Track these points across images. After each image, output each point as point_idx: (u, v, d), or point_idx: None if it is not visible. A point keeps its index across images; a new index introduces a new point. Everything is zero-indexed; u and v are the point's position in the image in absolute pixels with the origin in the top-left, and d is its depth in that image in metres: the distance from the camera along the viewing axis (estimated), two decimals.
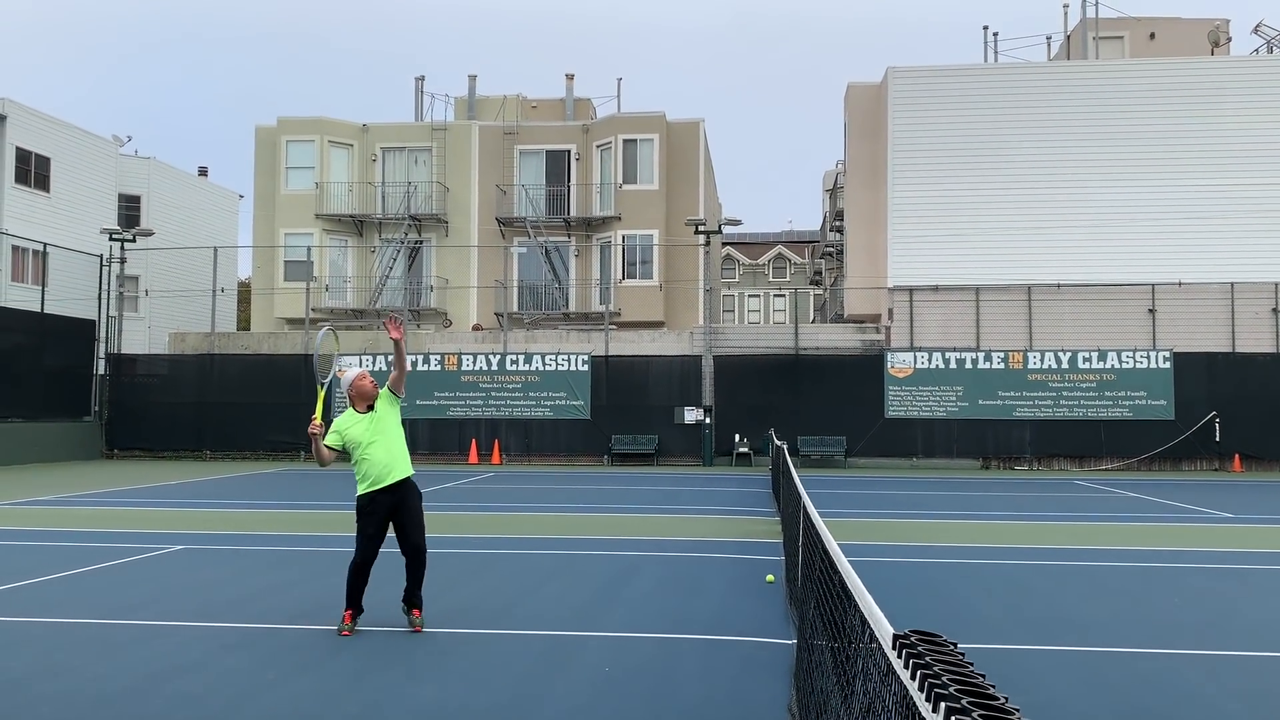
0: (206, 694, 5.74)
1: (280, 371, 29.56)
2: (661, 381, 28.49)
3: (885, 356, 27.87)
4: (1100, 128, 29.30)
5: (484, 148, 35.43)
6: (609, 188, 34.40)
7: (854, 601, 2.91)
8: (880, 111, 31.27)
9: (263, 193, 35.86)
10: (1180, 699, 5.79)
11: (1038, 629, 7.59)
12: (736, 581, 9.50)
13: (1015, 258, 28.92)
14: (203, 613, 7.95)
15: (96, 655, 6.61)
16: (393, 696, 5.75)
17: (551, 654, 6.77)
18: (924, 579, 9.72)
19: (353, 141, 35.61)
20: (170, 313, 38.22)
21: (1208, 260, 28.25)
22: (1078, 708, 5.62)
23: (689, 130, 35.06)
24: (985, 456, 27.49)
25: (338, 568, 10.18)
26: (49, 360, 28.58)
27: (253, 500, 17.38)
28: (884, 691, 2.32)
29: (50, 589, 8.97)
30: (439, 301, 35.04)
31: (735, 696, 5.82)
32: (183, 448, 29.44)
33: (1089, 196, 29.15)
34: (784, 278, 70.41)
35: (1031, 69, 31.04)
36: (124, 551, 11.11)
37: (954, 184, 29.63)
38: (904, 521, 14.79)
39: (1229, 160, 28.85)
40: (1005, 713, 1.47)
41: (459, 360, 28.88)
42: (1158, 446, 26.89)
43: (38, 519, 14.36)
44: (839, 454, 27.48)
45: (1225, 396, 26.86)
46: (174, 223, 40.72)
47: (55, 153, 35.52)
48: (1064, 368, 27.29)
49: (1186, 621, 7.87)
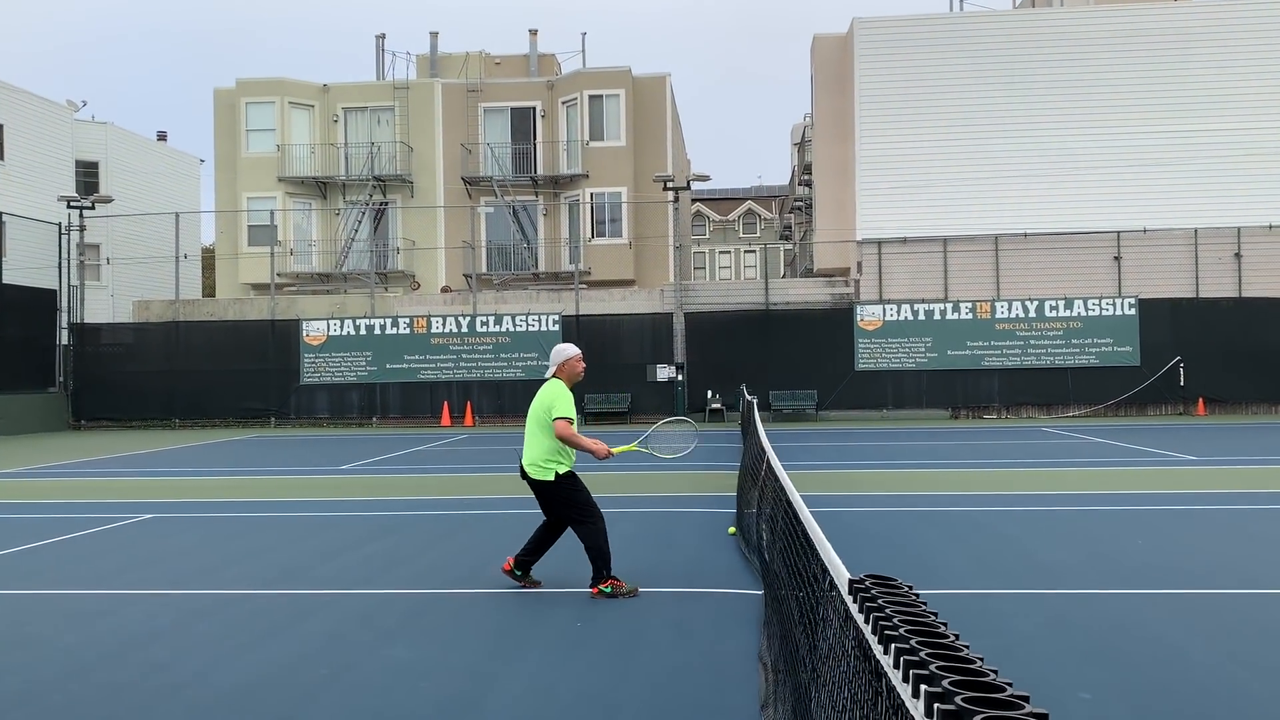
0: (177, 661, 5.73)
1: (247, 337, 29.29)
2: (633, 340, 28.47)
3: (855, 310, 27.97)
4: (1066, 75, 29.32)
5: (447, 106, 34.99)
6: (575, 145, 34.11)
7: (815, 550, 2.93)
8: (847, 63, 31.12)
9: (223, 157, 35.30)
10: (1143, 639, 5.90)
11: (1005, 574, 7.70)
12: (708, 536, 9.57)
13: (982, 208, 29.02)
14: (172, 580, 7.92)
15: (66, 626, 6.58)
16: (364, 658, 5.76)
17: (523, 612, 6.80)
18: (892, 528, 9.82)
19: (313, 102, 35.06)
20: (133, 281, 37.67)
21: (1172, 207, 28.47)
22: (1044, 650, 5.71)
23: (655, 85, 34.76)
24: (954, 406, 27.75)
25: (310, 533, 10.17)
26: (10, 331, 28.12)
27: (222, 467, 17.28)
28: (844, 637, 2.34)
29: (18, 561, 8.89)
30: (406, 264, 34.76)
31: (706, 646, 5.87)
32: (151, 417, 29.18)
33: (1055, 145, 29.23)
34: (754, 233, 70.32)
35: (998, 17, 30.95)
36: (92, 522, 11.02)
37: (921, 135, 29.60)
38: (874, 472, 14.92)
39: (1194, 106, 28.99)
40: (953, 649, 1.48)
41: (428, 322, 28.71)
42: (1124, 392, 27.23)
43: (4, 492, 14.21)
44: (810, 408, 27.65)
45: (1189, 342, 27.20)
46: (134, 189, 40.01)
47: (8, 119, 34.71)
48: (1031, 317, 27.51)
49: (1151, 563, 8.01)
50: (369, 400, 28.90)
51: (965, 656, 1.50)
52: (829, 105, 32.07)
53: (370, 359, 28.75)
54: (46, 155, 36.35)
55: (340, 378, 28.83)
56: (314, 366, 28.97)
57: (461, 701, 5.00)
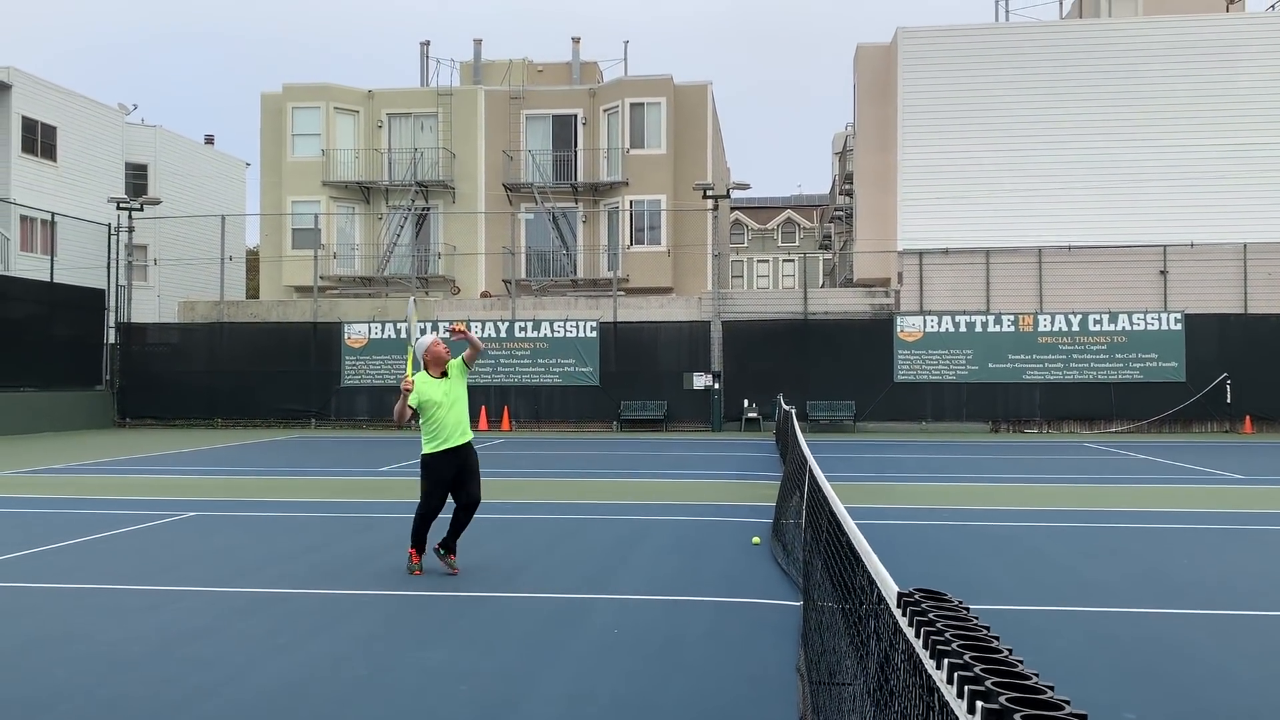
0: (218, 658, 5.79)
1: (290, 339, 29.63)
2: (670, 347, 28.46)
3: (895, 320, 27.77)
4: (1112, 87, 28.97)
5: (490, 113, 35.21)
6: (616, 152, 34.18)
7: (861, 562, 2.90)
8: (890, 73, 30.95)
9: (269, 160, 35.74)
10: (1188, 659, 5.80)
11: (1046, 590, 7.60)
12: (745, 545, 9.52)
13: (1026, 220, 28.72)
14: (214, 578, 8.01)
15: (109, 621, 6.67)
16: (402, 660, 5.79)
17: (560, 617, 6.80)
18: (933, 542, 9.72)
19: (358, 108, 35.42)
20: (179, 281, 38.26)
21: (1220, 221, 28.00)
22: (1086, 667, 5.62)
23: (697, 94, 34.76)
24: (995, 420, 27.44)
25: (349, 534, 10.25)
26: (59, 330, 28.66)
27: (264, 467, 17.47)
28: (893, 651, 2.31)
29: (63, 556, 9.04)
30: (446, 269, 34.99)
31: (743, 657, 5.84)
32: (194, 416, 29.58)
33: (1100, 157, 28.87)
34: (793, 242, 70.06)
35: (1043, 28, 30.65)
36: (136, 519, 11.18)
37: (964, 145, 29.37)
38: (913, 485, 14.79)
39: (1242, 119, 28.52)
40: (1008, 665, 1.45)
41: (467, 327, 28.83)
42: (1168, 408, 26.79)
43: (50, 487, 14.46)
44: (848, 419, 27.46)
45: (1236, 358, 26.72)
46: (181, 191, 40.67)
47: (61, 122, 35.43)
48: (1074, 330, 27.16)
49: (1195, 582, 7.86)
50: None
51: (1020, 672, 1.48)
52: (872, 114, 31.90)
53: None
54: (98, 157, 37.04)
55: (380, 380, 29.07)
56: (355, 369, 29.24)
57: (499, 705, 5.01)
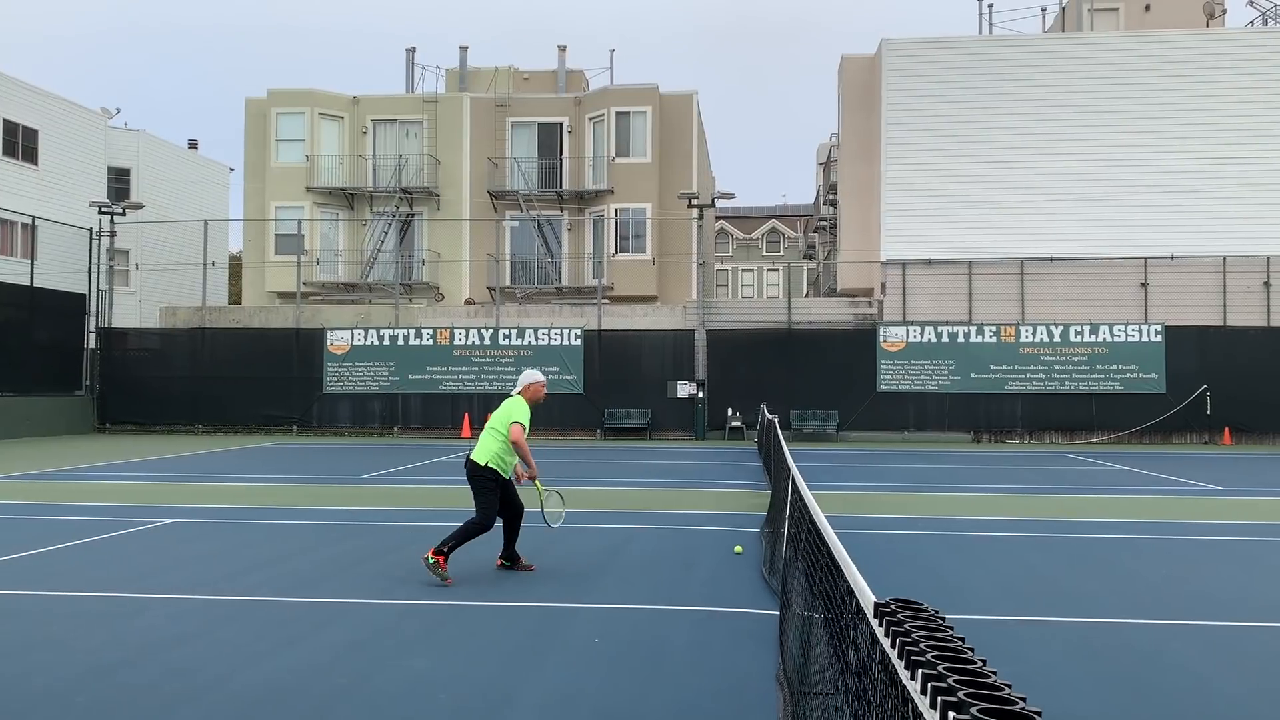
0: (198, 665, 5.77)
1: (272, 345, 29.52)
2: (654, 356, 28.50)
3: (878, 330, 27.89)
4: (1094, 101, 29.21)
5: (475, 120, 35.22)
6: (601, 161, 34.24)
7: (840, 572, 2.93)
8: (874, 84, 31.12)
9: (253, 166, 35.63)
10: (1168, 669, 5.84)
11: (1027, 600, 7.64)
12: (728, 555, 9.55)
13: (1008, 231, 28.91)
14: (194, 585, 7.97)
15: (89, 627, 6.63)
16: (383, 668, 5.78)
17: (542, 626, 6.80)
18: (914, 551, 9.77)
19: (343, 114, 35.37)
20: (161, 286, 38.07)
21: (1200, 234, 28.27)
22: (1065, 677, 5.66)
23: (682, 103, 34.86)
24: (977, 430, 27.59)
25: (329, 542, 10.22)
26: (39, 334, 28.47)
27: (244, 474, 17.39)
28: (869, 661, 2.34)
29: (42, 562, 8.98)
30: (431, 275, 34.94)
31: (725, 667, 5.86)
32: (175, 421, 29.42)
33: (1082, 170, 29.10)
34: (777, 252, 70.25)
35: (1026, 41, 30.90)
36: (116, 525, 11.11)
37: (948, 157, 29.55)
38: (895, 494, 14.85)
39: (1222, 134, 28.80)
40: (980, 675, 1.48)
41: (451, 334, 28.84)
42: (1148, 420, 27.00)
43: (30, 493, 14.35)
44: (831, 428, 27.55)
45: (1216, 370, 26.96)
46: (164, 196, 40.48)
47: (43, 125, 35.22)
48: (1056, 341, 27.35)
49: (1175, 593, 7.93)
50: (390, 410, 29.04)
51: (993, 683, 1.51)
52: (855, 125, 32.07)
53: (393, 369, 28.92)
54: (80, 161, 36.83)
55: (363, 387, 29.00)
56: (337, 375, 29.15)
57: (480, 713, 5.01)
